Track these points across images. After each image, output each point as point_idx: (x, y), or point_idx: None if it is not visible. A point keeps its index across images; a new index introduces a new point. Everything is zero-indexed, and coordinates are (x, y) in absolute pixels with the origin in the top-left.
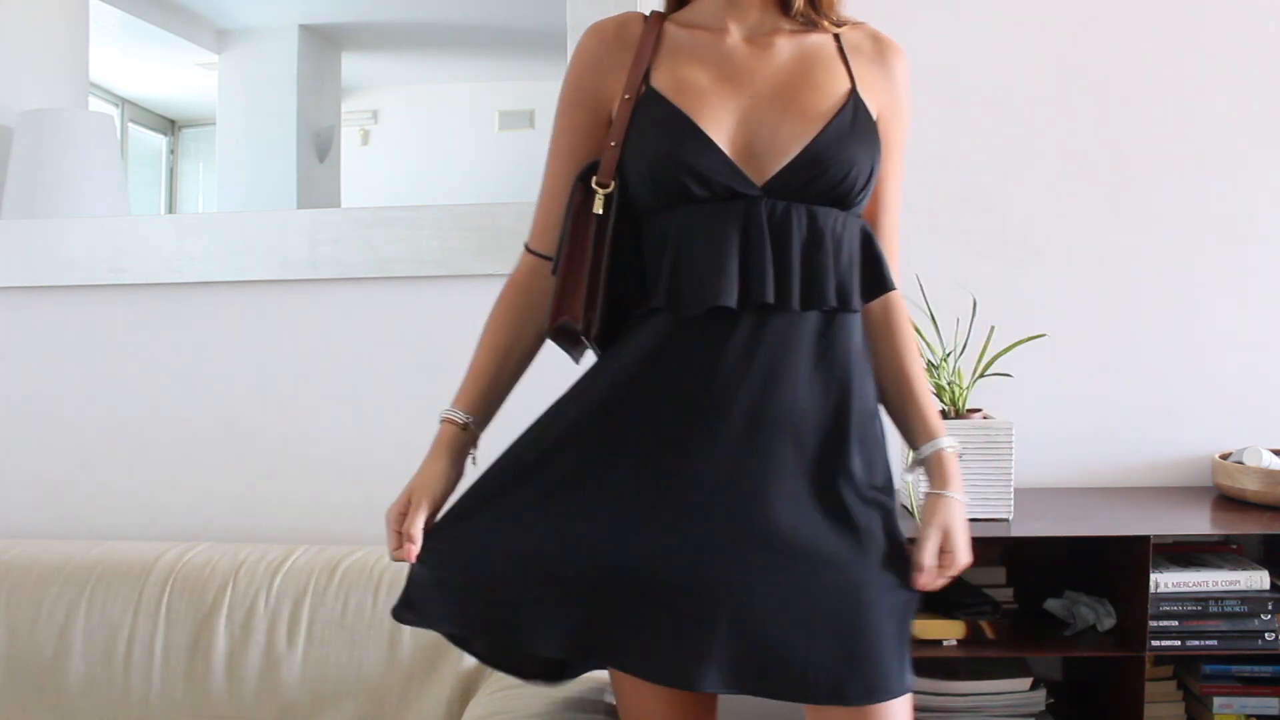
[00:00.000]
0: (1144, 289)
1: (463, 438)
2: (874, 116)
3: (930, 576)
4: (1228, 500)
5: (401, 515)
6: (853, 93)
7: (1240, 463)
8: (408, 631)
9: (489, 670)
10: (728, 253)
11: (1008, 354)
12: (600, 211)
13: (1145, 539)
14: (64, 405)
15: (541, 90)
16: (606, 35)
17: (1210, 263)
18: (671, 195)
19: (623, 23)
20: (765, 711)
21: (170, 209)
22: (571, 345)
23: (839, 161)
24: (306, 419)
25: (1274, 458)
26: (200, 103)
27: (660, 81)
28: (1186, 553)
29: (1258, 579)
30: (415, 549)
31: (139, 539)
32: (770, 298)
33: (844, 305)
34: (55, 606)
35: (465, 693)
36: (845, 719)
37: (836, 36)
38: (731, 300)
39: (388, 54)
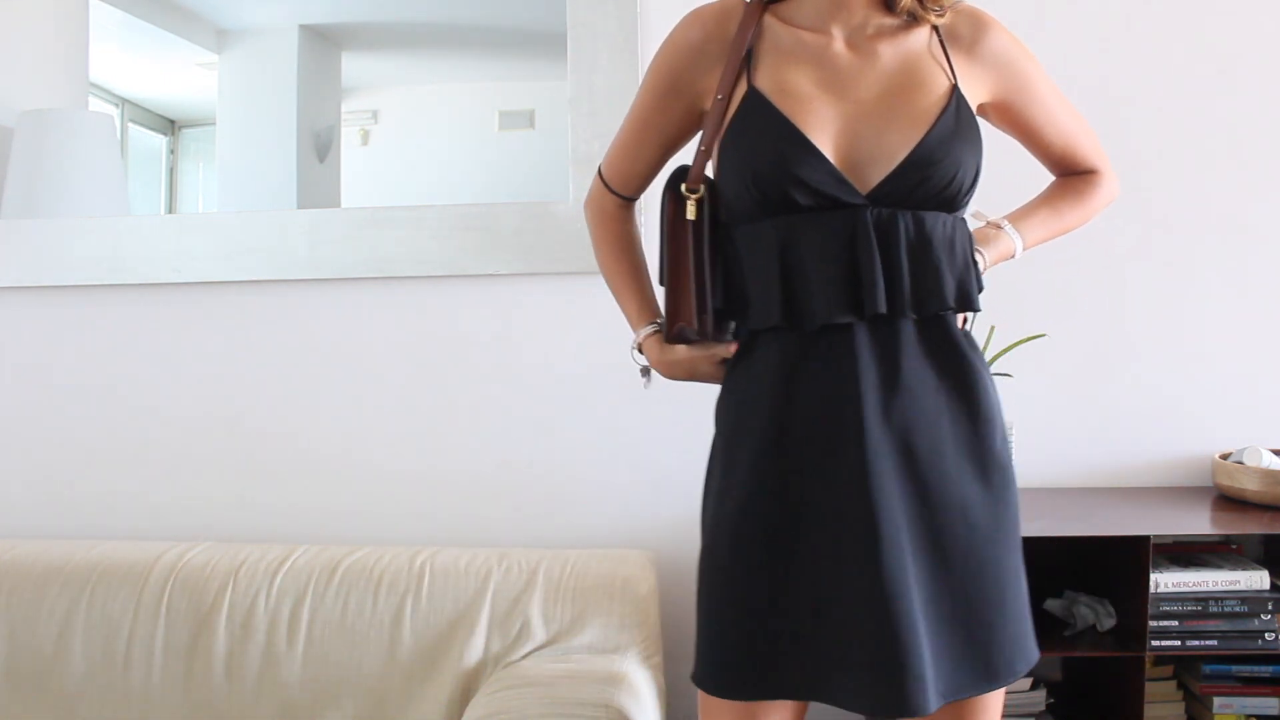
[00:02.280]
0: (1144, 289)
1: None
2: (975, 110)
3: None
4: (1228, 500)
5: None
6: (954, 90)
7: (1240, 463)
8: (408, 631)
9: (489, 670)
10: (839, 266)
11: (1008, 354)
12: (694, 217)
13: (1145, 539)
14: (64, 405)
15: (541, 90)
16: (708, 24)
17: (1210, 263)
18: (775, 204)
19: (725, 11)
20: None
21: (170, 209)
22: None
23: (944, 165)
24: (306, 419)
25: (1274, 458)
26: (200, 103)
27: (763, 82)
28: (1186, 553)
29: (1258, 579)
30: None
31: (139, 539)
32: (882, 308)
33: (965, 305)
34: (55, 606)
35: (465, 693)
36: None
37: (936, 29)
38: (845, 315)
39: (388, 54)
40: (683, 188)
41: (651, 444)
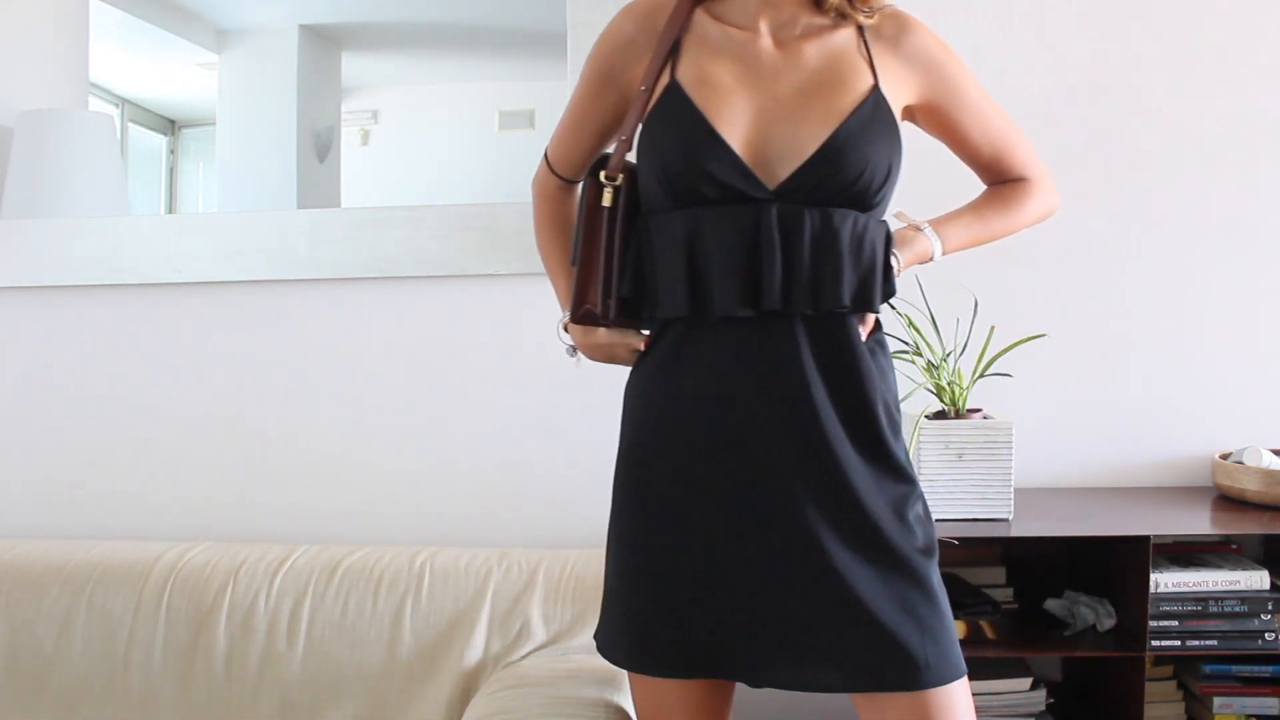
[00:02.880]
0: (1144, 289)
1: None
2: (900, 112)
3: None
4: (1228, 500)
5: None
6: (874, 89)
7: (1240, 463)
8: (408, 631)
9: (489, 670)
10: (738, 259)
11: (1008, 354)
12: (609, 204)
13: (1145, 539)
14: (64, 405)
15: (541, 90)
16: (639, 17)
17: (1210, 262)
18: (684, 196)
19: (657, 6)
20: (782, 704)
21: (170, 209)
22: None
23: (852, 161)
24: (306, 419)
25: (1274, 458)
26: (200, 103)
27: (684, 75)
28: (1186, 553)
29: (1258, 579)
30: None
31: (139, 539)
32: (777, 303)
33: (863, 306)
34: (55, 606)
35: (465, 693)
36: (906, 708)
37: (863, 29)
38: (742, 309)
39: (388, 54)
40: (602, 175)
41: None
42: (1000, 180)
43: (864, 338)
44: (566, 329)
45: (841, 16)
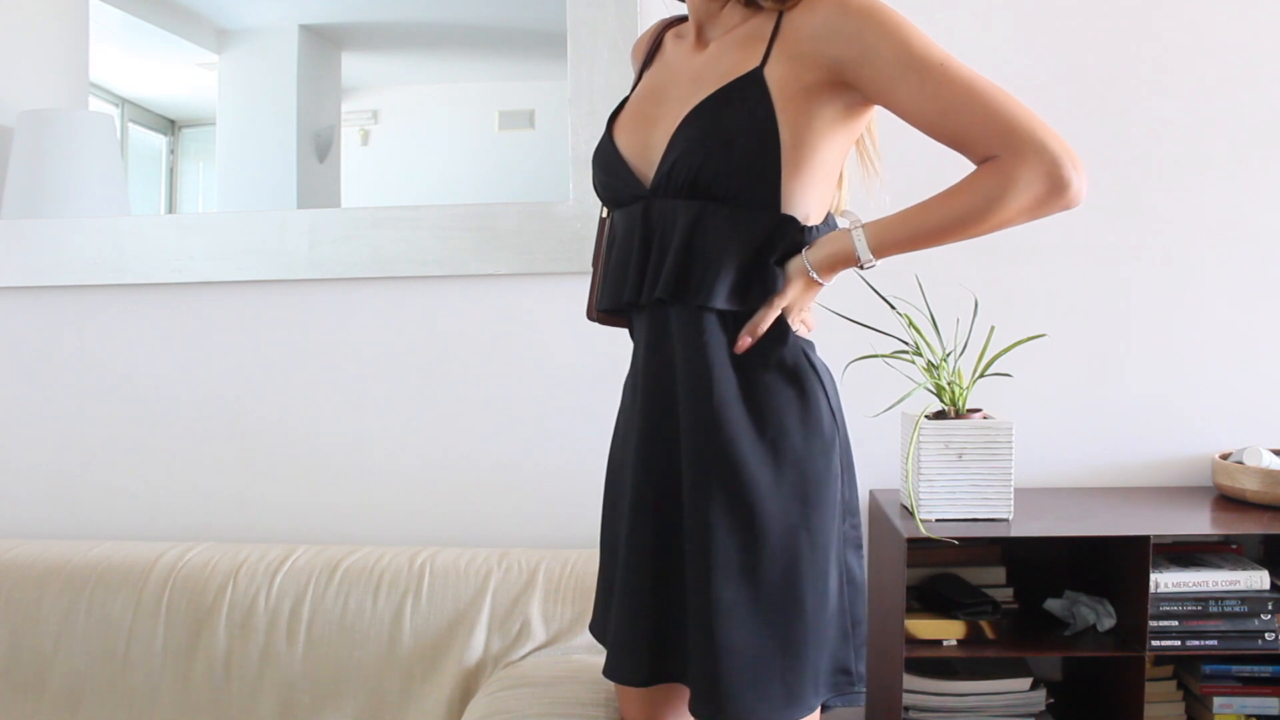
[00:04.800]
0: (1144, 289)
1: None
2: (794, 91)
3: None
4: (1228, 500)
5: None
6: (749, 73)
7: (1240, 463)
8: (408, 632)
9: (489, 670)
10: (616, 255)
11: (1008, 354)
12: (604, 215)
13: (1145, 539)
14: (64, 405)
15: (541, 90)
16: (635, 49)
17: (1210, 263)
18: (604, 201)
19: (649, 34)
20: None
21: (170, 209)
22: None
23: (688, 151)
24: (306, 419)
25: (1274, 458)
26: (200, 103)
27: (632, 94)
28: (1186, 553)
29: (1258, 579)
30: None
31: (139, 539)
32: (629, 297)
33: (703, 299)
34: (55, 606)
35: (465, 693)
36: None
37: (780, 15)
38: (609, 303)
39: (388, 54)
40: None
41: None
42: (969, 155)
43: (742, 345)
44: None
45: (755, 6)
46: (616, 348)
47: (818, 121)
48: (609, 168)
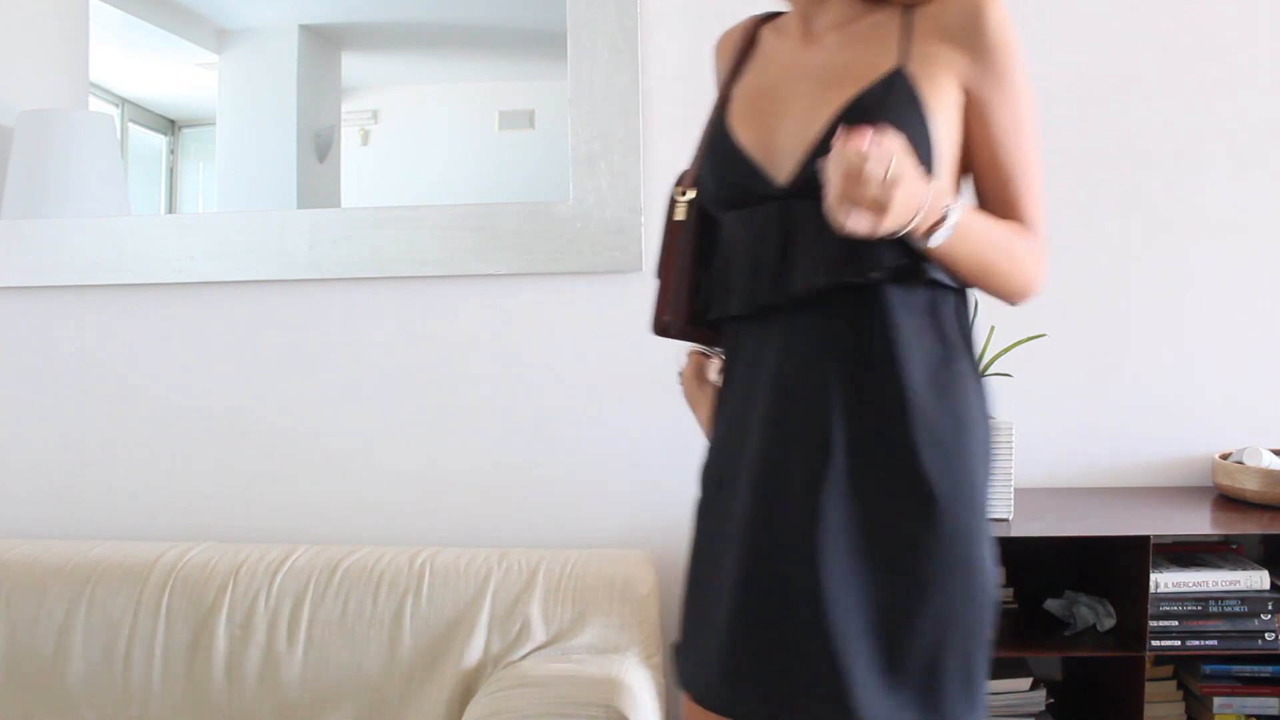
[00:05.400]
0: (1144, 289)
1: None
2: (932, 90)
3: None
4: (1228, 500)
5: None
6: (895, 70)
7: (1240, 463)
8: (408, 631)
9: (489, 670)
10: (741, 259)
11: (1008, 354)
12: (681, 217)
13: (1145, 539)
14: (64, 405)
15: (541, 90)
16: (725, 44)
17: (1210, 263)
18: (717, 201)
19: (740, 30)
20: None
21: (170, 209)
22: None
23: None
24: (307, 419)
25: (1274, 458)
26: (200, 103)
27: (734, 89)
28: (1186, 553)
29: (1258, 579)
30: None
31: (139, 539)
32: (765, 300)
33: (858, 278)
34: (55, 606)
35: (465, 693)
36: None
37: (910, 9)
38: (736, 309)
39: (388, 54)
40: (675, 190)
41: (651, 444)
42: (995, 210)
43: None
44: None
45: (878, 0)
46: (616, 348)
47: (944, 127)
48: (736, 166)
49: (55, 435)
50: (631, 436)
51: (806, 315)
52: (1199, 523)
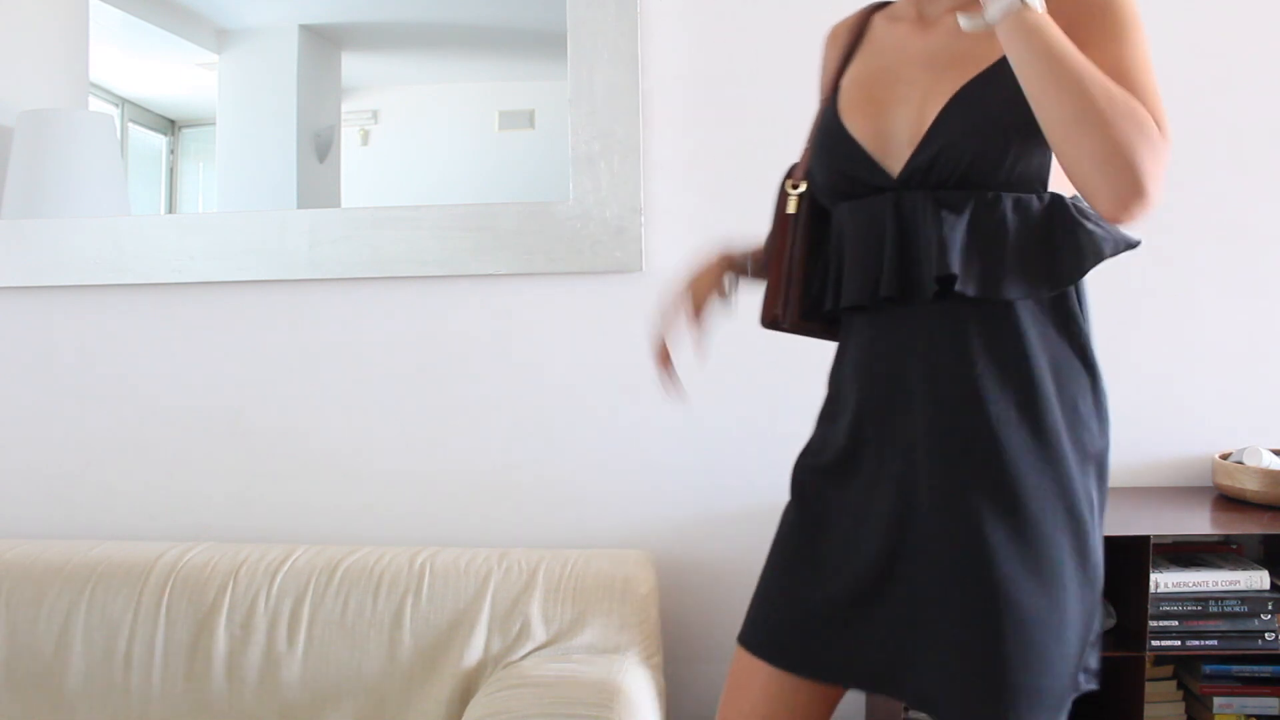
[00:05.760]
0: (1144, 289)
1: None
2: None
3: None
4: (1228, 500)
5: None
6: (999, 61)
7: (1240, 463)
8: (408, 631)
9: (489, 670)
10: (865, 249)
11: None
12: (793, 211)
13: (1145, 539)
14: (64, 405)
15: (541, 90)
16: (830, 39)
17: (1210, 263)
18: (829, 193)
19: (851, 19)
20: None
21: (170, 209)
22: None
23: (958, 140)
24: (307, 419)
25: (1274, 458)
26: (200, 103)
27: (844, 79)
28: (1186, 553)
29: (1258, 579)
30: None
31: (139, 539)
32: (888, 291)
33: (988, 293)
34: (55, 606)
35: (465, 693)
36: None
37: None
38: (856, 299)
39: (388, 54)
40: (787, 183)
41: (651, 444)
42: None
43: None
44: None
45: None
46: (616, 348)
47: None
48: (849, 156)
49: (55, 435)
50: (631, 436)
51: (930, 308)
52: (1199, 523)
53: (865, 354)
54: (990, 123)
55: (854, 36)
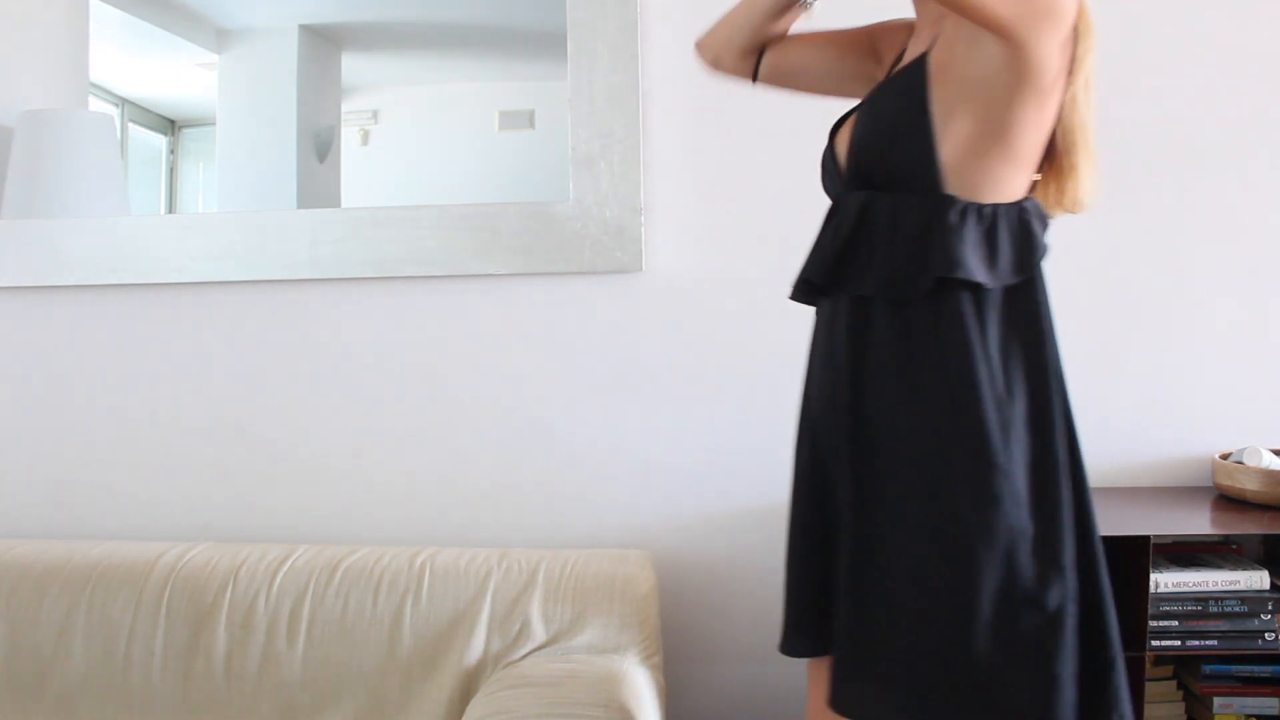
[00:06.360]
0: (1144, 289)
1: None
2: (955, 75)
3: None
4: (1228, 500)
5: None
6: (918, 58)
7: (1240, 463)
8: (408, 631)
9: (489, 670)
10: (816, 239)
11: None
12: None
13: (1145, 539)
14: (64, 405)
15: (541, 90)
16: (896, 31)
17: (1210, 263)
18: (828, 194)
19: (906, 23)
20: None
21: (170, 209)
22: None
23: (868, 145)
24: (306, 419)
25: (1274, 458)
26: (200, 103)
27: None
28: (1186, 553)
29: (1258, 579)
30: None
31: (139, 539)
32: (813, 278)
33: (889, 293)
34: (55, 606)
35: (465, 692)
36: None
37: None
38: (793, 293)
39: (388, 54)
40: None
41: (651, 444)
42: None
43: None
44: None
45: None
46: (616, 348)
47: (959, 119)
48: (825, 163)
49: (55, 435)
50: (631, 436)
51: (835, 305)
52: (1199, 523)
53: (815, 335)
54: (874, 123)
55: (894, 55)
